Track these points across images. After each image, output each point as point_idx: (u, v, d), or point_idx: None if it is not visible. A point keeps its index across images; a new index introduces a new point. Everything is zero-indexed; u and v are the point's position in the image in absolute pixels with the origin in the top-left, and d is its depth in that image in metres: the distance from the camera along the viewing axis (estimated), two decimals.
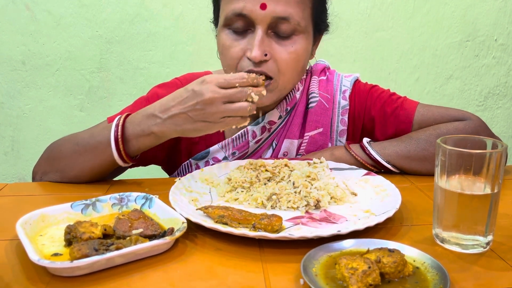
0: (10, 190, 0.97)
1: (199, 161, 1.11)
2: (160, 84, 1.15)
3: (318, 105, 1.12)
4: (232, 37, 0.98)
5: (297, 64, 1.00)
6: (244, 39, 0.97)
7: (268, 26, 0.95)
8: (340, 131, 1.13)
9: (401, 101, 1.11)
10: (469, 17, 2.15)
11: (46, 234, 0.72)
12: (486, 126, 1.05)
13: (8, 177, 2.13)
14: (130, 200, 0.82)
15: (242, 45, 0.97)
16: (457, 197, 0.67)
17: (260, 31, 0.95)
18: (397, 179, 0.98)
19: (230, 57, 0.99)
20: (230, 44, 0.98)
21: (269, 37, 0.97)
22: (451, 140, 0.70)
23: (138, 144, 0.94)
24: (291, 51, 0.97)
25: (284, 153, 1.11)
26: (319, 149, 1.11)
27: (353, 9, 2.09)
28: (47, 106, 2.07)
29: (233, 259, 0.67)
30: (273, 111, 1.09)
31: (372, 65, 2.16)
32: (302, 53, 1.00)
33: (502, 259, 0.66)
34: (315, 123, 1.11)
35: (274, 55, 0.97)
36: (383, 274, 0.59)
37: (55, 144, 1.03)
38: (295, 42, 0.98)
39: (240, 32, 0.98)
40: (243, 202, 0.86)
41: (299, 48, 0.98)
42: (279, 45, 0.97)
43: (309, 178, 0.88)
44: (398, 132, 1.09)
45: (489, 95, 2.26)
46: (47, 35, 1.99)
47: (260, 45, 0.94)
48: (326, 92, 1.13)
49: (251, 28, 0.97)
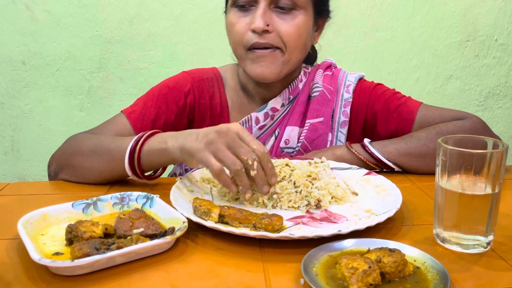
0: (11, 189, 0.97)
1: None
2: (168, 78, 1.18)
3: (320, 95, 1.16)
4: (237, 14, 1.05)
5: (299, 38, 1.05)
6: (248, 15, 1.04)
7: (270, 1, 1.02)
8: (342, 122, 1.16)
9: (405, 99, 1.15)
10: (469, 17, 2.15)
11: (47, 234, 0.72)
12: (486, 125, 1.06)
13: (8, 177, 2.13)
14: (131, 199, 0.82)
15: (246, 20, 1.04)
16: (458, 197, 0.67)
17: (263, 4, 1.01)
18: (398, 179, 0.98)
19: (236, 32, 1.05)
20: (236, 21, 1.05)
21: (271, 11, 1.03)
22: (452, 140, 0.70)
23: (149, 157, 0.92)
24: (292, 24, 1.03)
25: (285, 140, 1.14)
26: (320, 138, 1.14)
27: (353, 9, 2.09)
28: (47, 106, 2.07)
29: (233, 259, 0.67)
30: (276, 99, 1.13)
31: (372, 65, 2.16)
32: (302, 28, 1.05)
33: (502, 259, 0.67)
34: (316, 111, 1.15)
35: (276, 27, 1.03)
36: (383, 274, 0.59)
37: (76, 140, 1.03)
38: (296, 16, 1.04)
39: (245, 9, 1.04)
40: (244, 202, 0.86)
41: (299, 22, 1.04)
42: (281, 19, 1.03)
43: (310, 178, 0.88)
44: (399, 128, 1.11)
45: (489, 95, 2.26)
46: (47, 35, 1.99)
47: (263, 16, 1.01)
48: (330, 85, 1.17)
49: (254, 4, 1.03)
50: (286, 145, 1.14)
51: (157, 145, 0.90)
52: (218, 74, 1.20)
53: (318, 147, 1.14)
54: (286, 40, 1.03)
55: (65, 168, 1.01)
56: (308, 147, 1.14)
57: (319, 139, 1.14)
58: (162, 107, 1.11)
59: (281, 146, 1.14)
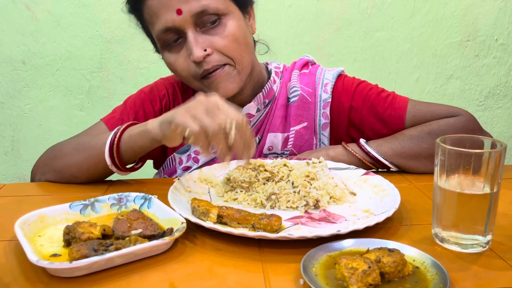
0: (8, 190, 0.97)
1: (182, 155, 1.13)
2: (145, 86, 1.19)
3: (300, 99, 1.12)
4: (173, 54, 1.02)
5: (238, 43, 1.01)
6: (183, 48, 1.01)
7: (194, 25, 0.99)
8: (323, 124, 1.13)
9: (391, 99, 1.10)
10: (469, 17, 2.15)
11: (45, 235, 0.72)
12: (476, 121, 1.06)
13: (8, 177, 2.13)
14: (129, 200, 0.82)
15: (184, 54, 1.01)
16: (457, 197, 0.67)
17: (191, 33, 0.98)
18: (396, 179, 0.98)
19: (180, 70, 1.03)
20: (174, 60, 1.03)
21: (201, 33, 1.00)
22: (450, 140, 0.70)
23: (129, 143, 0.94)
24: (226, 34, 1.00)
25: (269, 147, 1.12)
26: (306, 143, 1.12)
27: (353, 9, 2.09)
28: (47, 106, 2.07)
29: (232, 259, 0.67)
30: (250, 104, 1.11)
31: (372, 65, 2.16)
32: (237, 32, 1.01)
33: (501, 259, 0.66)
34: (299, 117, 1.12)
35: (213, 45, 0.99)
36: (383, 273, 0.58)
37: (56, 146, 1.05)
38: (225, 25, 1.00)
39: (177, 46, 1.02)
40: (242, 202, 0.86)
41: (231, 28, 1.01)
42: (214, 35, 1.00)
43: (308, 178, 0.88)
44: (390, 132, 1.08)
45: (489, 95, 2.26)
46: (47, 35, 1.99)
47: (196, 44, 0.98)
48: (307, 86, 1.13)
49: (182, 36, 1.00)
50: (270, 151, 1.13)
51: (137, 129, 0.93)
52: None
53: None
54: (229, 53, 1.00)
55: (48, 173, 1.02)
56: (296, 154, 1.13)
57: (305, 145, 1.13)
58: (140, 112, 1.12)
59: (265, 153, 1.13)
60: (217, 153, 0.80)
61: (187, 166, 1.12)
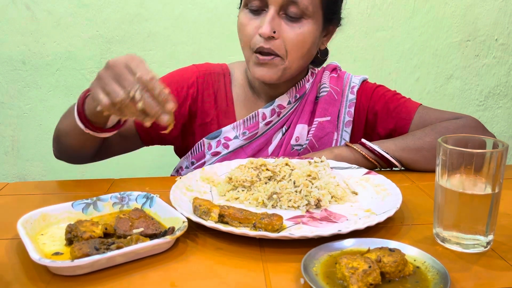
0: (11, 189, 0.97)
1: (211, 140, 1.16)
2: (178, 69, 1.23)
3: (328, 95, 1.20)
4: (248, 16, 1.08)
5: (303, 46, 1.07)
6: (258, 18, 1.07)
7: (280, 8, 1.04)
8: (346, 121, 1.20)
9: (404, 100, 1.19)
10: (469, 17, 2.15)
11: (47, 233, 0.72)
12: (481, 124, 1.11)
13: (9, 177, 2.13)
14: (131, 199, 0.82)
15: (256, 23, 1.06)
16: (458, 197, 0.67)
17: (272, 11, 1.04)
18: (398, 178, 0.98)
19: (245, 34, 1.08)
20: (246, 23, 1.08)
21: (279, 18, 1.05)
22: (452, 140, 0.70)
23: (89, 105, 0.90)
24: (298, 32, 1.06)
25: (296, 138, 1.17)
26: (327, 136, 1.18)
27: (353, 9, 2.09)
28: (47, 105, 2.07)
29: (233, 259, 0.67)
30: (283, 96, 1.17)
31: (372, 65, 2.16)
32: (308, 36, 1.07)
33: (502, 259, 0.66)
34: (324, 110, 1.19)
35: (282, 34, 1.05)
36: (383, 273, 0.59)
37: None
38: (303, 25, 1.06)
39: (255, 12, 1.07)
40: (244, 201, 0.86)
41: (306, 31, 1.06)
42: (288, 26, 1.05)
43: (310, 177, 0.88)
44: (397, 127, 1.16)
45: (489, 95, 2.26)
46: (47, 35, 1.99)
47: (270, 23, 1.03)
48: (336, 86, 1.22)
49: (265, 9, 1.06)
50: (296, 143, 1.17)
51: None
52: (227, 69, 1.23)
53: (325, 145, 1.18)
54: (289, 48, 1.06)
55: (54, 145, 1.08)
56: (315, 144, 1.17)
57: (325, 137, 1.18)
58: None
59: (292, 143, 1.17)
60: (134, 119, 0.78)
61: (217, 151, 1.16)
